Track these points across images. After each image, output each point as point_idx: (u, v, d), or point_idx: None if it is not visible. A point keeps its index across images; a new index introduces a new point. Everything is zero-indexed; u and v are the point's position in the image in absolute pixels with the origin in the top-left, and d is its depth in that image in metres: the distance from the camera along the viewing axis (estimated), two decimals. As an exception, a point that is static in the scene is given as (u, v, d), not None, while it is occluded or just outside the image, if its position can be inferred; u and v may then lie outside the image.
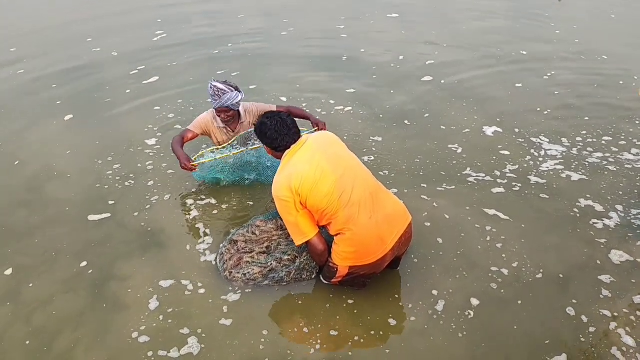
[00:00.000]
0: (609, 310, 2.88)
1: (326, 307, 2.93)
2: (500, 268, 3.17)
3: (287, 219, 2.82)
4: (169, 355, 2.68)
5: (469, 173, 4.07)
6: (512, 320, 2.83)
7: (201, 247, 3.39)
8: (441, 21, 7.89)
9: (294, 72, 6.18)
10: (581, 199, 3.76)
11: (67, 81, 6.15)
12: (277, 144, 2.89)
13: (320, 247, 2.85)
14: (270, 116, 2.93)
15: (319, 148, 2.85)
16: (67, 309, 2.99)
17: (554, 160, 4.24)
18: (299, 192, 2.71)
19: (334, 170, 2.76)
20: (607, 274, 3.11)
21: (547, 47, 6.78)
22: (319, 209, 2.75)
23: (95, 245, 3.47)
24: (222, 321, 2.85)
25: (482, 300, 2.95)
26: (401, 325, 2.81)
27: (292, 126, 2.91)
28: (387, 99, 5.39)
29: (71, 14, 8.79)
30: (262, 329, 2.80)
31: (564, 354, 2.64)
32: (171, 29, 7.83)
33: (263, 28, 7.78)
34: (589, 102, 5.22)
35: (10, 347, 2.79)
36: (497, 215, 3.60)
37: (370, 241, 2.76)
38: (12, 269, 3.32)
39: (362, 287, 2.98)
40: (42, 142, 4.82)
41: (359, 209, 2.74)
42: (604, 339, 2.73)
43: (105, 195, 3.97)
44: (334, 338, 2.74)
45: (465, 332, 2.75)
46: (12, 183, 4.23)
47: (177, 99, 5.55)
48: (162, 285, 3.11)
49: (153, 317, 2.89)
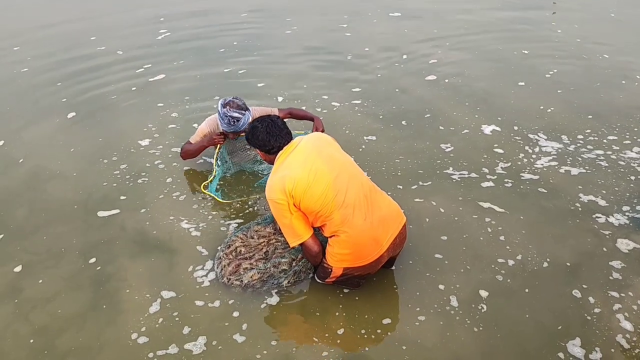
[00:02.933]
0: (618, 292, 2.98)
1: (339, 308, 2.97)
2: (505, 259, 3.23)
3: (281, 221, 2.83)
4: (167, 353, 2.71)
5: (456, 171, 4.11)
6: (523, 309, 2.90)
7: (205, 248, 3.40)
8: (442, 20, 7.90)
9: (299, 70, 6.20)
10: (581, 194, 3.82)
11: (72, 79, 6.16)
12: (270, 145, 2.91)
13: (314, 249, 2.87)
14: (260, 120, 2.98)
15: (313, 149, 2.85)
16: (71, 307, 3.02)
17: (551, 156, 4.29)
18: (293, 194, 2.72)
19: (329, 172, 2.77)
20: (616, 260, 3.22)
21: (549, 46, 6.80)
22: (313, 210, 2.75)
23: (102, 244, 3.49)
24: (222, 322, 2.88)
25: (490, 291, 3.01)
26: (415, 322, 2.85)
27: (283, 127, 2.94)
28: (390, 98, 5.41)
29: (74, 13, 8.79)
30: (264, 329, 2.84)
31: (578, 338, 2.72)
32: (175, 28, 7.84)
33: (266, 27, 7.79)
34: (592, 101, 5.24)
35: (14, 344, 2.81)
36: (491, 208, 3.68)
37: (365, 243, 2.78)
38: (22, 266, 3.36)
39: (356, 286, 3.01)
40: (46, 140, 4.84)
41: (354, 211, 2.74)
42: (616, 321, 2.81)
43: (111, 193, 4.00)
44: (346, 338, 2.78)
45: (482, 327, 2.80)
46: (16, 181, 4.25)
47: (184, 96, 5.57)
48: (165, 286, 3.13)
49: (153, 318, 2.92)
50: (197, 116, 5.08)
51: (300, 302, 3.00)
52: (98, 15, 8.66)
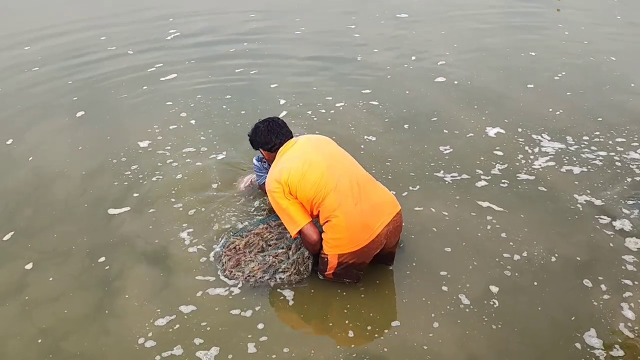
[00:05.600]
0: (630, 280, 3.07)
1: (347, 307, 3.00)
2: (511, 255, 3.29)
3: (279, 210, 3.00)
4: (173, 354, 2.73)
5: (448, 174, 4.12)
6: (534, 303, 2.96)
7: (212, 251, 3.42)
8: (449, 22, 7.89)
9: (308, 70, 6.21)
10: (583, 194, 3.85)
11: (81, 78, 6.21)
12: (272, 143, 3.15)
13: (313, 237, 2.97)
14: (262, 120, 3.23)
15: (309, 144, 3.09)
16: (78, 308, 3.05)
17: (555, 157, 4.31)
18: (288, 182, 2.90)
19: (323, 160, 2.96)
20: (627, 254, 3.27)
21: (556, 48, 6.78)
22: (309, 198, 2.91)
23: (111, 244, 3.52)
24: (227, 323, 2.91)
25: (500, 287, 3.06)
26: (432, 322, 2.87)
27: (283, 125, 3.20)
28: (399, 99, 5.41)
29: (84, 13, 8.84)
30: (272, 329, 2.87)
31: (593, 329, 2.77)
32: (183, 28, 7.87)
33: (275, 27, 7.81)
34: (602, 104, 5.22)
35: (20, 345, 2.84)
36: (490, 207, 3.73)
37: (355, 227, 2.88)
38: (32, 263, 3.39)
39: (356, 280, 3.08)
40: (54, 138, 4.89)
41: (345, 197, 2.88)
42: (630, 311, 2.87)
43: (121, 192, 4.03)
44: (360, 340, 2.81)
45: (501, 323, 2.84)
46: (25, 179, 4.29)
47: (196, 95, 5.60)
48: (170, 287, 3.17)
49: (159, 320, 2.93)
50: (209, 116, 5.13)
51: (306, 307, 3.03)
52: (107, 15, 8.70)
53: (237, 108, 5.31)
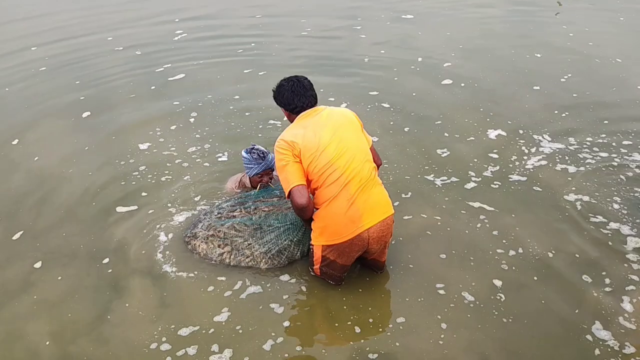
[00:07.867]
0: (633, 275, 3.13)
1: (351, 307, 3.02)
2: (506, 251, 3.37)
3: (279, 169, 2.91)
4: (186, 354, 2.75)
5: (437, 177, 4.13)
6: (537, 297, 3.02)
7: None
8: (455, 23, 7.89)
9: (315, 71, 6.19)
10: (584, 196, 3.85)
11: (88, 78, 6.24)
12: (294, 104, 2.97)
13: (301, 200, 2.84)
14: (288, 78, 3.03)
15: (332, 124, 2.92)
16: (86, 309, 3.07)
17: (555, 157, 4.34)
18: (300, 148, 2.83)
19: (334, 150, 2.85)
20: (624, 252, 3.32)
21: (562, 49, 6.75)
22: (310, 178, 2.87)
23: (119, 244, 3.55)
24: (226, 322, 2.94)
25: (503, 282, 3.13)
26: (441, 320, 2.91)
27: (308, 87, 3.00)
28: (406, 102, 5.41)
29: (91, 14, 8.88)
30: (273, 330, 2.89)
31: (597, 322, 2.83)
32: (190, 29, 7.90)
33: (281, 29, 7.82)
34: (607, 106, 5.20)
35: (31, 345, 2.86)
36: (482, 207, 3.76)
37: (339, 219, 2.86)
38: (41, 262, 3.42)
39: (339, 282, 3.11)
40: (60, 138, 4.92)
41: (341, 191, 2.84)
42: (630, 302, 2.94)
43: (128, 192, 4.06)
44: (367, 341, 2.83)
45: (511, 317, 2.90)
46: (31, 179, 4.31)
47: (206, 95, 5.62)
48: (174, 288, 3.18)
49: (167, 323, 2.95)
50: (215, 116, 5.15)
51: (308, 310, 3.08)
52: (113, 15, 8.74)
53: (243, 109, 5.33)
